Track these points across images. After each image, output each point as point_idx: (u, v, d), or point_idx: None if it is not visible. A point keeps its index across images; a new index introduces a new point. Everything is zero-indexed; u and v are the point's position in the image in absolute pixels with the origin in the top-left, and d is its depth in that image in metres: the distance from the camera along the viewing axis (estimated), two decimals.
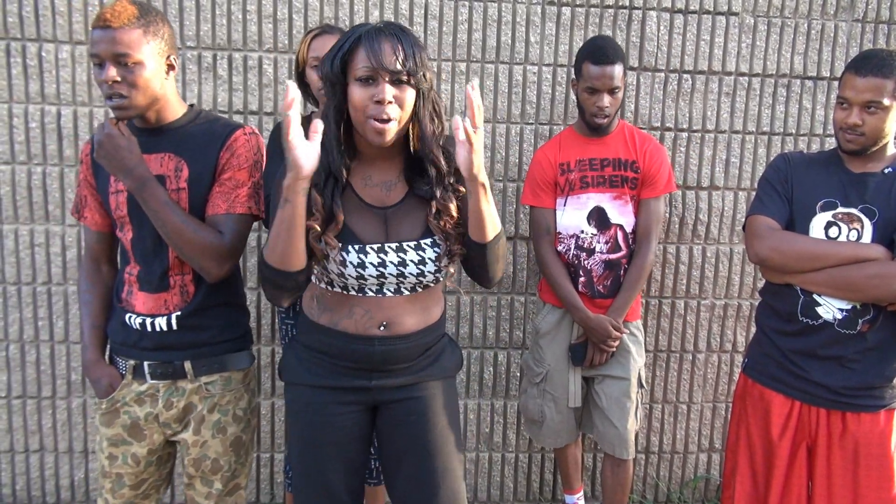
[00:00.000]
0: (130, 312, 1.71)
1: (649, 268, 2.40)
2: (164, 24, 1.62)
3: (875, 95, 1.76)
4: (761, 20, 2.79)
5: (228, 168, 1.67)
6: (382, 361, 1.59)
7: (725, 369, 2.97)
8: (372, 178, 1.59)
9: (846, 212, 1.83)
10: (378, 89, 1.42)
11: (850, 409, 1.83)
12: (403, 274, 1.54)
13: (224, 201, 1.66)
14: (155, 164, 1.66)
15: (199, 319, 1.70)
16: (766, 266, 1.92)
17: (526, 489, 2.98)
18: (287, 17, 2.60)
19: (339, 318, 1.59)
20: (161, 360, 1.70)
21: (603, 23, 2.72)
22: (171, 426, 1.74)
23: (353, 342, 1.58)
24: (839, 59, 2.83)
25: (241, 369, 1.79)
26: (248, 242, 2.65)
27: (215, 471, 1.77)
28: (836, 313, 1.82)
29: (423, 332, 1.62)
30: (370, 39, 1.43)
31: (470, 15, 2.67)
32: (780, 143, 2.86)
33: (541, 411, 2.51)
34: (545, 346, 2.50)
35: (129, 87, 1.56)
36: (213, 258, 1.62)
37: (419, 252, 1.54)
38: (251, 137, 1.72)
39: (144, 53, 1.55)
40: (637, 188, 2.39)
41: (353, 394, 1.62)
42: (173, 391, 1.72)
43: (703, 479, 3.04)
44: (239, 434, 1.78)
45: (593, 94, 2.30)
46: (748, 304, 2.92)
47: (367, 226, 1.55)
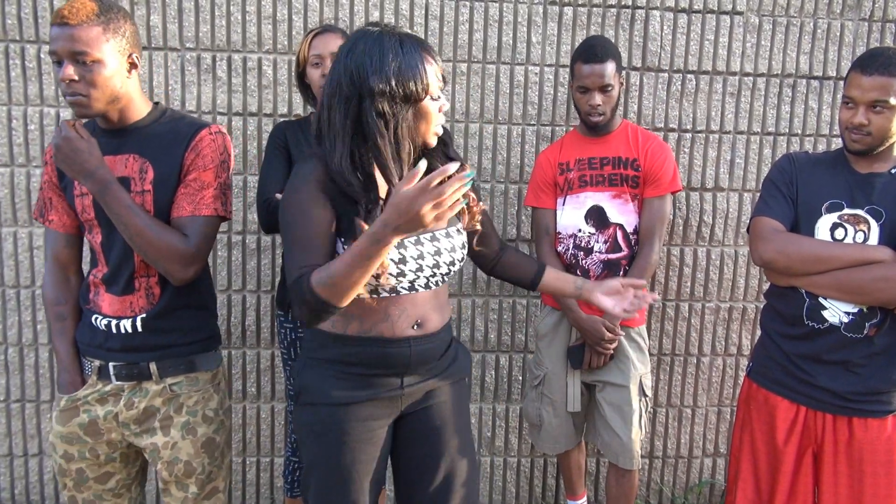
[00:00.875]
0: (97, 314, 1.68)
1: (652, 269, 2.35)
2: (126, 21, 1.58)
3: (881, 94, 1.72)
4: (766, 19, 2.75)
5: (193, 169, 1.63)
6: (417, 362, 1.58)
7: (731, 373, 2.93)
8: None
9: (852, 213, 1.79)
10: (443, 101, 1.50)
11: (857, 415, 1.79)
12: (438, 264, 1.55)
13: (189, 203, 1.62)
14: (119, 165, 1.63)
15: (164, 322, 1.68)
16: (771, 269, 1.88)
17: (528, 494, 2.95)
18: (287, 18, 2.58)
19: (373, 324, 1.54)
20: (127, 361, 1.67)
21: (605, 23, 2.69)
22: (129, 427, 1.69)
23: (388, 345, 1.55)
24: (846, 58, 2.79)
25: (208, 370, 1.76)
26: (246, 244, 2.65)
27: (189, 474, 1.73)
28: (843, 317, 1.78)
29: (443, 330, 1.64)
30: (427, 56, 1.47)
31: (471, 15, 2.64)
32: (786, 143, 2.83)
33: (539, 415, 2.48)
34: (544, 348, 2.48)
35: (88, 85, 1.54)
36: (178, 261, 1.59)
37: (449, 239, 1.57)
38: (217, 137, 1.67)
39: (104, 51, 1.52)
40: (639, 187, 2.35)
41: (383, 406, 1.58)
42: (136, 391, 1.69)
43: (709, 484, 3.00)
44: (211, 435, 1.75)
45: (585, 94, 2.28)
46: (753, 307, 2.88)
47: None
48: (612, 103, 2.30)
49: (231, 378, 2.75)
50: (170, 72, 2.57)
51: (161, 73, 2.56)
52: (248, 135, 2.62)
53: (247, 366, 2.75)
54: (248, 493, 2.84)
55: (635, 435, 2.35)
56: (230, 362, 2.74)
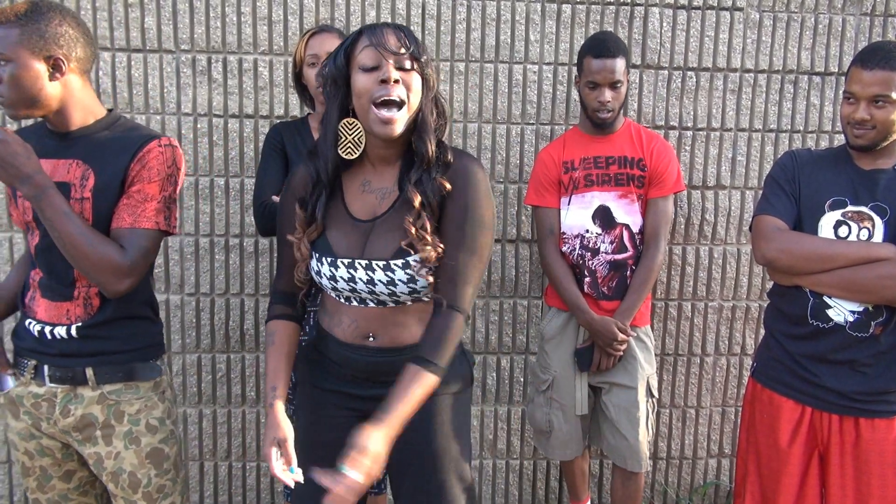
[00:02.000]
0: (31, 318, 1.65)
1: (658, 269, 2.33)
2: (57, 24, 1.52)
3: (883, 89, 1.70)
4: (767, 15, 2.73)
5: (138, 180, 1.58)
6: (374, 372, 1.54)
7: (734, 372, 2.90)
8: (371, 183, 1.55)
9: (856, 210, 1.77)
10: (382, 71, 1.38)
11: (864, 415, 1.77)
12: (374, 291, 1.49)
13: (129, 215, 1.57)
14: (62, 170, 1.59)
15: (101, 330, 1.63)
16: (774, 268, 1.86)
17: (531, 496, 2.93)
18: (282, 20, 2.56)
19: (333, 325, 1.57)
20: (61, 364, 1.63)
21: (604, 20, 2.66)
22: (70, 434, 1.65)
23: (345, 349, 1.55)
24: (847, 53, 2.76)
25: (149, 379, 1.70)
26: (244, 247, 2.63)
27: (134, 486, 1.66)
28: (848, 316, 1.75)
29: (414, 348, 1.53)
30: (372, 29, 1.41)
31: (468, 14, 2.62)
32: (788, 140, 2.80)
33: (548, 421, 2.42)
34: (551, 351, 2.44)
35: (6, 86, 1.52)
36: (111, 274, 1.54)
37: (388, 273, 1.46)
38: (166, 150, 1.61)
39: (18, 54, 1.49)
40: (644, 187, 2.32)
41: (348, 399, 1.59)
42: (71, 398, 1.63)
43: (713, 485, 2.97)
44: (157, 445, 1.69)
45: (595, 89, 2.25)
46: (756, 306, 2.85)
47: (344, 239, 1.51)
48: (621, 100, 2.29)
49: (230, 382, 2.73)
50: (165, 74, 2.55)
51: (156, 75, 2.54)
52: (245, 137, 2.60)
53: (246, 370, 2.73)
54: (248, 499, 2.82)
55: (643, 437, 2.33)
56: (229, 367, 2.72)
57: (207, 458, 2.77)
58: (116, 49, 2.52)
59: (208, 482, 2.79)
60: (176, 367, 2.70)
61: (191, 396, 2.72)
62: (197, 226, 2.63)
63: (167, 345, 2.68)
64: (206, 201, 2.62)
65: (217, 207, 2.63)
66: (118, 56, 2.52)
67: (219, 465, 2.78)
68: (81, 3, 2.49)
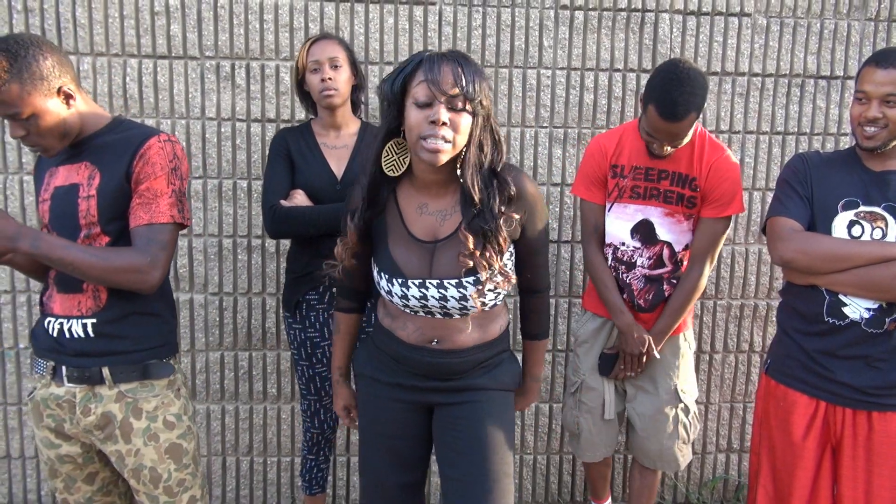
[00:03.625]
0: (49, 315, 1.71)
1: (698, 292, 2.21)
2: (42, 58, 1.54)
3: (894, 88, 1.77)
4: (774, 20, 2.80)
5: (144, 178, 1.64)
6: (434, 372, 1.67)
7: (743, 369, 2.97)
8: (428, 206, 1.63)
9: (869, 210, 1.83)
10: (434, 111, 1.46)
11: (877, 409, 1.83)
12: (446, 307, 1.61)
13: (145, 212, 1.64)
14: (73, 172, 1.66)
15: (115, 328, 1.68)
16: (792, 268, 1.91)
17: (545, 491, 2.99)
18: (303, 27, 2.62)
19: (397, 327, 1.69)
20: (78, 365, 1.68)
21: (616, 26, 2.73)
22: (92, 433, 1.71)
23: (408, 350, 1.67)
24: (852, 58, 2.84)
25: (162, 377, 1.75)
26: (265, 247, 2.69)
27: (155, 481, 1.72)
28: (863, 313, 1.81)
29: (478, 348, 1.68)
30: (430, 63, 1.47)
31: (484, 20, 2.69)
32: (795, 142, 2.87)
33: (576, 423, 2.41)
34: (582, 354, 2.40)
35: (37, 136, 1.58)
36: (136, 274, 1.60)
37: (460, 289, 1.58)
38: (165, 145, 1.67)
39: (32, 104, 1.54)
40: (695, 207, 2.18)
41: (408, 392, 1.71)
42: (90, 397, 1.68)
43: (722, 480, 3.04)
44: (175, 441, 1.74)
45: (652, 138, 2.11)
46: (764, 304, 2.93)
47: (411, 259, 1.61)
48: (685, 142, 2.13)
49: (252, 379, 2.79)
50: (190, 80, 2.61)
51: (181, 81, 2.61)
52: (267, 140, 2.66)
53: (267, 367, 2.79)
54: (269, 493, 2.88)
55: (671, 442, 2.30)
56: (251, 364, 2.78)
57: (229, 453, 2.83)
58: (143, 56, 2.58)
59: (230, 477, 2.85)
60: (199, 365, 2.76)
61: (214, 393, 2.78)
62: (220, 227, 2.69)
63: (191, 343, 2.74)
64: (229, 203, 2.68)
65: (240, 209, 2.69)
66: (145, 62, 2.58)
67: (241, 461, 2.84)
68: (109, 11, 2.55)
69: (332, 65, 2.21)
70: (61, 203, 1.66)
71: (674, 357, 2.31)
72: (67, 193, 1.66)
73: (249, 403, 2.81)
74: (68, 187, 1.66)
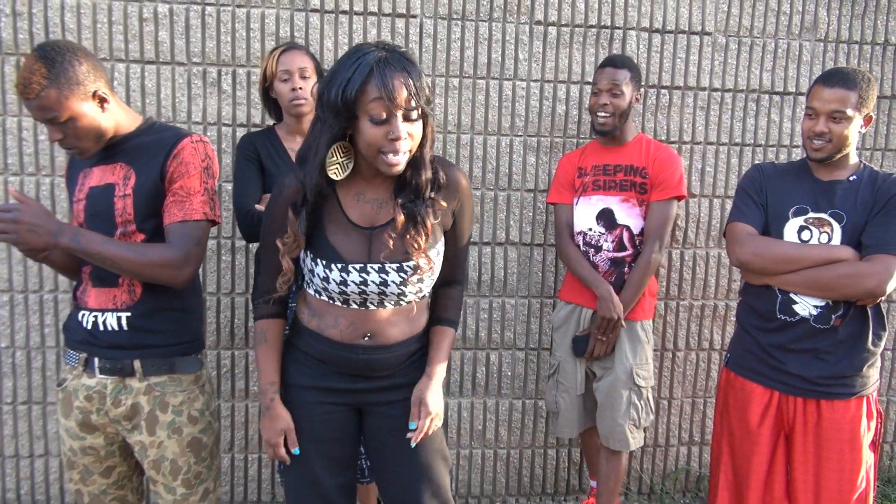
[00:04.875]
0: (84, 309, 1.76)
1: (652, 267, 2.51)
2: (77, 63, 1.61)
3: (840, 105, 1.94)
4: (732, 39, 2.99)
5: (178, 177, 1.71)
6: (366, 368, 1.67)
7: (703, 366, 3.15)
8: (365, 194, 1.64)
9: (817, 216, 2.01)
10: (392, 128, 1.46)
11: (825, 397, 2.00)
12: (385, 292, 1.61)
13: (179, 210, 1.70)
14: (108, 173, 1.73)
15: (148, 322, 1.75)
16: (747, 269, 2.09)
17: (517, 484, 3.12)
18: (289, 36, 2.72)
19: (326, 326, 1.66)
20: (111, 357, 1.74)
21: (587, 41, 2.89)
22: (120, 423, 1.77)
23: (338, 349, 1.66)
24: (803, 75, 3.04)
25: (190, 373, 1.82)
26: (249, 248, 2.76)
27: (175, 473, 1.78)
28: (812, 310, 1.99)
29: (407, 342, 1.70)
30: (382, 77, 1.43)
31: (462, 33, 2.82)
32: (751, 153, 3.07)
33: (556, 402, 2.70)
34: (558, 339, 2.71)
35: (74, 138, 1.65)
36: (170, 269, 1.67)
37: (401, 274, 1.60)
38: (198, 145, 1.75)
39: (70, 108, 1.60)
40: (646, 193, 2.54)
41: (339, 395, 1.70)
42: (121, 389, 1.75)
43: (684, 471, 3.21)
44: (197, 435, 1.81)
45: (595, 95, 2.54)
46: (724, 305, 3.11)
47: (350, 244, 1.60)
48: (620, 108, 2.51)
49: (234, 377, 2.86)
50: (177, 85, 2.68)
51: (168, 86, 2.68)
52: None
53: (249, 366, 2.87)
54: (249, 489, 2.95)
55: (623, 420, 2.53)
56: (233, 362, 2.85)
57: None
58: (131, 61, 2.65)
59: None
60: None
61: None
62: None
63: None
64: None
65: (225, 212, 2.76)
66: (132, 67, 2.65)
67: (222, 458, 2.91)
68: (98, 17, 2.61)
69: (302, 75, 2.30)
70: (97, 202, 1.73)
71: (631, 341, 2.56)
72: (103, 193, 1.72)
73: (231, 401, 2.88)
74: (104, 187, 1.72)
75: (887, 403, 3.30)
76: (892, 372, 3.28)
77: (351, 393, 1.70)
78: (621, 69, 2.50)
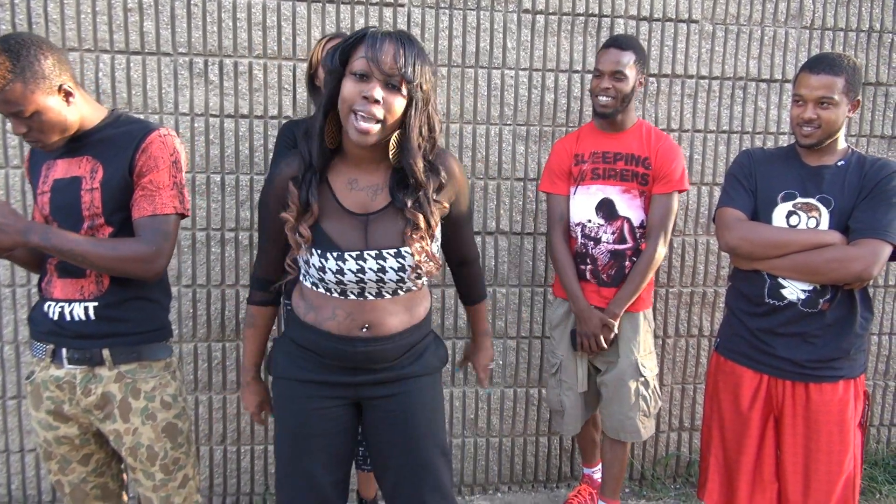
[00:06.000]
0: (49, 300, 1.75)
1: (656, 262, 2.45)
2: (43, 57, 1.59)
3: (827, 92, 1.95)
4: (719, 27, 3.00)
5: (147, 171, 1.70)
6: (365, 360, 1.64)
7: (693, 352, 3.17)
8: (358, 181, 1.62)
9: (805, 202, 2.02)
10: (369, 86, 1.45)
11: (813, 380, 2.02)
12: (383, 280, 1.59)
13: (149, 204, 1.70)
14: (73, 166, 1.72)
15: (116, 311, 1.74)
16: (736, 254, 2.10)
17: (510, 472, 3.14)
18: (276, 25, 2.70)
19: (323, 319, 1.64)
20: (79, 347, 1.73)
21: (574, 30, 2.89)
22: (91, 412, 1.76)
23: (336, 342, 1.63)
24: (790, 62, 3.06)
25: (159, 359, 1.82)
26: (238, 240, 2.75)
27: (152, 459, 1.78)
28: (800, 294, 2.00)
29: (406, 332, 1.67)
30: (374, 39, 1.46)
31: (450, 22, 2.81)
32: (739, 140, 3.08)
33: (560, 401, 2.63)
34: (557, 337, 2.64)
35: (38, 132, 1.64)
36: (141, 263, 1.67)
37: (399, 259, 1.58)
38: (166, 138, 1.74)
39: (35, 102, 1.58)
40: (648, 184, 2.46)
41: (337, 389, 1.68)
42: (91, 378, 1.74)
43: (675, 457, 3.24)
44: (171, 420, 1.81)
45: (598, 78, 2.42)
46: (712, 291, 3.13)
47: (345, 232, 1.59)
48: (624, 92, 2.40)
49: (226, 370, 2.85)
50: (163, 76, 2.66)
51: (154, 76, 2.65)
52: (240, 136, 2.73)
53: (239, 358, 2.86)
54: (242, 481, 2.95)
55: (632, 412, 2.50)
56: (224, 354, 2.84)
57: (203, 442, 2.89)
58: (116, 51, 2.62)
59: (204, 466, 2.91)
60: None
61: (187, 384, 2.83)
62: (194, 220, 2.75)
63: None
64: (202, 197, 2.74)
65: (213, 203, 2.75)
66: (117, 58, 2.62)
67: (214, 450, 2.90)
68: (82, 6, 2.58)
69: None
70: (63, 195, 1.71)
71: (634, 333, 2.51)
72: (69, 186, 1.71)
73: (222, 393, 2.87)
74: (69, 180, 1.71)
75: (873, 387, 3.35)
76: (877, 356, 3.32)
77: (349, 387, 1.68)
78: (626, 51, 2.38)
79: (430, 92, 1.54)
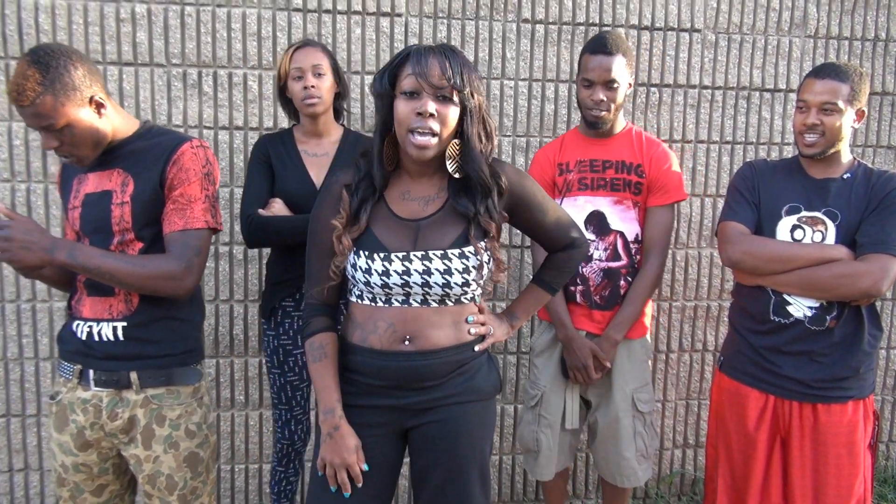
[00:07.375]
0: (78, 319, 1.71)
1: (657, 282, 2.26)
2: (72, 68, 1.55)
3: (831, 97, 1.91)
4: (722, 36, 2.95)
5: (178, 184, 1.66)
6: (409, 378, 1.58)
7: (697, 368, 3.11)
8: (411, 192, 1.62)
9: (810, 215, 1.97)
10: (421, 102, 1.47)
11: (821, 401, 1.95)
12: (428, 283, 1.55)
13: (180, 218, 1.66)
14: (104, 179, 1.68)
15: (144, 332, 1.69)
16: (739, 269, 2.04)
17: (510, 490, 3.07)
18: (271, 35, 2.66)
19: (367, 334, 1.60)
20: (107, 368, 1.68)
21: (574, 40, 2.85)
22: (117, 436, 1.71)
23: (378, 358, 1.59)
24: (794, 72, 3.01)
25: (188, 384, 1.76)
26: (233, 254, 2.71)
27: (171, 488, 1.73)
28: (806, 311, 1.94)
29: (454, 349, 1.61)
30: (418, 55, 1.49)
31: (449, 32, 2.77)
32: (742, 151, 3.03)
33: (536, 439, 2.32)
34: (540, 366, 2.36)
35: (70, 146, 1.60)
36: (170, 280, 1.62)
37: (445, 261, 1.55)
38: (198, 150, 1.69)
39: (66, 115, 1.54)
40: (642, 194, 2.25)
41: (383, 414, 1.62)
42: (118, 402, 1.69)
43: (679, 475, 3.17)
44: (194, 450, 1.75)
45: (589, 87, 2.19)
46: (716, 305, 3.07)
47: (394, 235, 1.58)
48: (617, 101, 2.19)
49: (219, 386, 2.80)
50: (156, 87, 2.62)
51: (147, 88, 2.61)
52: (235, 148, 2.69)
53: (234, 374, 2.81)
54: (236, 500, 2.89)
55: (629, 453, 2.26)
56: (218, 371, 2.79)
57: None
58: (108, 63, 2.58)
59: None
60: None
61: None
62: None
63: None
64: None
65: None
66: (110, 69, 2.59)
67: None
68: (73, 17, 2.54)
69: (316, 72, 2.19)
70: (93, 210, 1.67)
71: (630, 363, 2.29)
72: (100, 200, 1.66)
73: (217, 411, 2.82)
74: (100, 194, 1.66)
75: (882, 402, 3.27)
76: (885, 370, 3.25)
77: (395, 410, 1.62)
78: (615, 55, 2.14)
79: (482, 99, 1.56)
